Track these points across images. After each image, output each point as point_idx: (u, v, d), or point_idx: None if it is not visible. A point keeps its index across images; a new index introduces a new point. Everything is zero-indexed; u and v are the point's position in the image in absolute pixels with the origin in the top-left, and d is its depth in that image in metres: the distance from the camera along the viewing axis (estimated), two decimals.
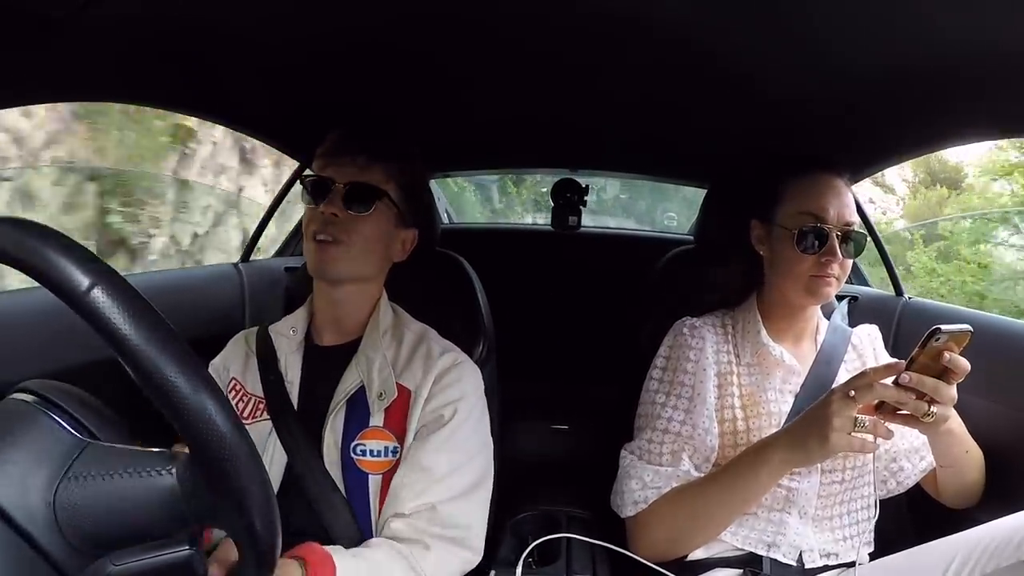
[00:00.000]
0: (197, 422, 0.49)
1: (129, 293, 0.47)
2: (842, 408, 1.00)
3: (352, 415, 1.12)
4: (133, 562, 0.53)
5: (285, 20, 1.09)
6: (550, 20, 1.08)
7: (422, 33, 1.16)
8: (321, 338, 1.23)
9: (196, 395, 0.48)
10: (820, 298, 1.25)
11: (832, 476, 1.22)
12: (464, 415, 1.14)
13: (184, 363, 0.48)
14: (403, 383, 1.14)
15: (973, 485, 1.22)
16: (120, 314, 0.46)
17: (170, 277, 2.00)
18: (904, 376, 0.97)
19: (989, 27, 0.90)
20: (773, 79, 1.23)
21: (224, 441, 0.50)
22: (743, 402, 1.26)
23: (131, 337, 0.46)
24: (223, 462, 0.50)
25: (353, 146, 1.16)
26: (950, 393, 0.99)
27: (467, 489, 1.11)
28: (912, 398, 0.98)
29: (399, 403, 1.13)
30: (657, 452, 1.23)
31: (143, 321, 0.47)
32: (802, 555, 1.19)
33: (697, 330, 1.32)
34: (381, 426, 1.11)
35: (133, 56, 1.10)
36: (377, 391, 1.12)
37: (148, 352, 0.47)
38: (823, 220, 1.21)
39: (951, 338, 0.96)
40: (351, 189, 1.12)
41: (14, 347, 1.11)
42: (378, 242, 1.17)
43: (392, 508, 1.07)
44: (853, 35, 1.01)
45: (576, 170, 2.40)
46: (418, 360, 1.17)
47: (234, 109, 1.50)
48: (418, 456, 1.09)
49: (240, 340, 1.27)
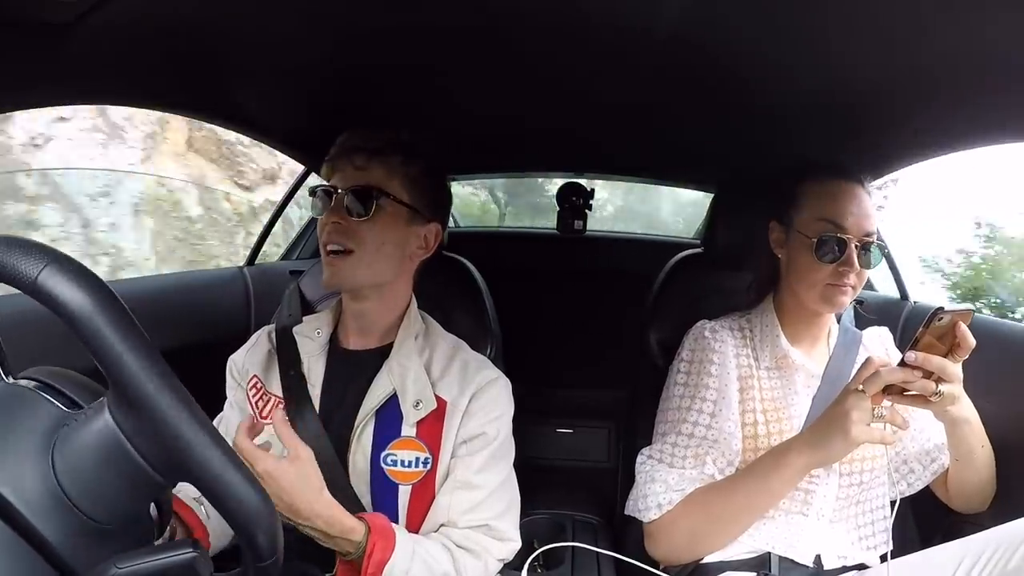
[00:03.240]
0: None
1: (80, 272, 0.48)
2: (857, 401, 1.02)
3: (382, 424, 1.10)
4: (137, 565, 0.53)
5: (292, 24, 1.08)
6: (555, 27, 1.08)
7: (428, 39, 1.16)
8: (347, 341, 1.20)
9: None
10: (835, 307, 1.24)
11: (851, 479, 1.22)
12: (506, 432, 1.15)
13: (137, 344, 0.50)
14: (439, 394, 1.12)
15: (984, 484, 1.21)
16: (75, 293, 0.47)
17: (175, 280, 2.01)
18: (909, 355, 0.98)
19: (994, 30, 0.90)
20: (778, 83, 1.23)
21: (158, 392, 0.50)
22: (764, 406, 1.26)
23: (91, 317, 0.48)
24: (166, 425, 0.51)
25: (353, 147, 1.12)
26: (956, 371, 1.00)
27: (511, 504, 1.14)
28: (919, 377, 0.99)
29: (435, 414, 1.10)
30: (681, 456, 1.22)
31: (103, 300, 0.48)
32: (819, 556, 1.20)
33: (718, 333, 1.31)
34: (414, 436, 1.10)
35: (138, 60, 1.10)
36: (413, 400, 1.10)
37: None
38: (843, 229, 1.20)
39: (954, 316, 0.97)
40: (352, 194, 1.09)
41: (16, 349, 1.11)
42: (389, 243, 1.12)
43: (440, 520, 1.08)
44: (858, 38, 1.01)
45: (582, 174, 2.40)
46: (454, 372, 1.14)
47: (241, 113, 1.51)
48: (466, 475, 1.09)
49: (263, 337, 1.25)
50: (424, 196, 1.15)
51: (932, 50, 1.00)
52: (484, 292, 1.58)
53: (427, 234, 1.17)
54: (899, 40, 0.99)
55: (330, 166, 1.15)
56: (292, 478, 0.92)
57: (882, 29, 0.96)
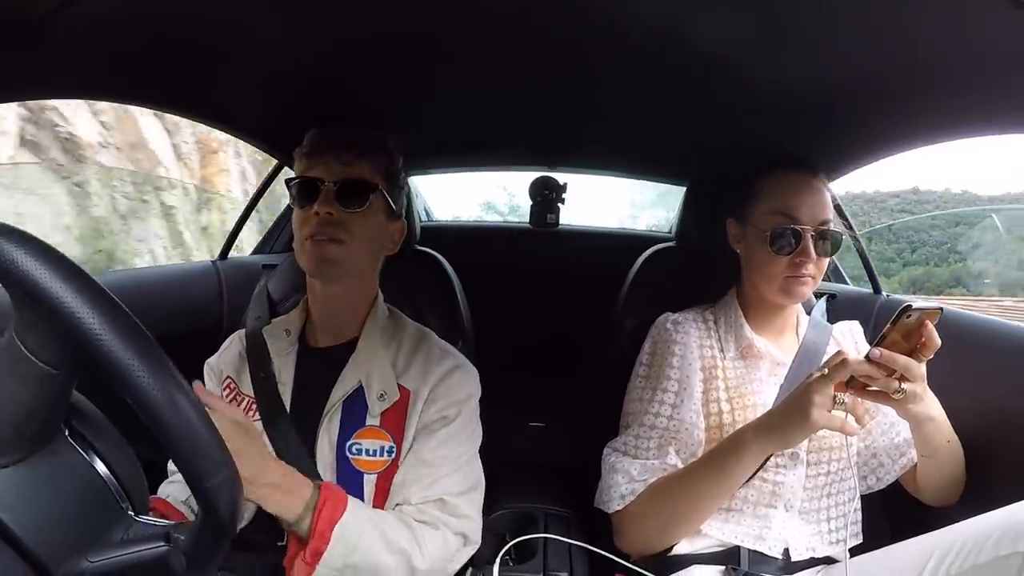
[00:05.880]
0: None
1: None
2: (820, 386, 1.01)
3: (348, 415, 1.13)
4: (110, 559, 0.54)
5: (267, 20, 1.07)
6: (525, 21, 1.07)
7: (401, 36, 1.15)
8: (316, 340, 1.23)
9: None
10: (795, 298, 1.25)
11: (818, 468, 1.23)
12: (467, 416, 1.16)
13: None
14: (403, 384, 1.15)
15: (953, 479, 1.22)
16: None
17: (148, 274, 1.98)
18: (874, 351, 0.98)
19: (966, 24, 0.90)
20: (752, 76, 1.23)
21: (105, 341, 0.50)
22: (729, 395, 1.26)
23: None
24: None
25: (339, 143, 1.15)
26: (920, 371, 1.00)
27: (472, 485, 1.14)
28: (883, 375, 0.99)
29: (398, 404, 1.13)
30: (644, 447, 1.23)
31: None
32: (788, 548, 1.21)
33: (680, 325, 1.32)
34: (378, 426, 1.12)
35: (114, 54, 1.08)
36: (378, 391, 1.13)
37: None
38: (796, 220, 1.21)
39: (922, 315, 0.97)
40: (343, 186, 1.12)
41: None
42: (373, 237, 1.18)
43: (397, 500, 1.08)
44: (831, 32, 1.01)
45: (554, 168, 2.40)
46: (418, 362, 1.17)
47: (216, 107, 1.49)
48: (422, 453, 1.10)
49: (236, 339, 1.28)
50: (397, 194, 1.22)
51: (908, 46, 1.00)
52: (456, 287, 1.58)
53: (395, 231, 1.24)
54: (872, 35, 1.00)
55: (309, 159, 1.16)
56: (241, 444, 0.92)
57: (856, 23, 0.96)
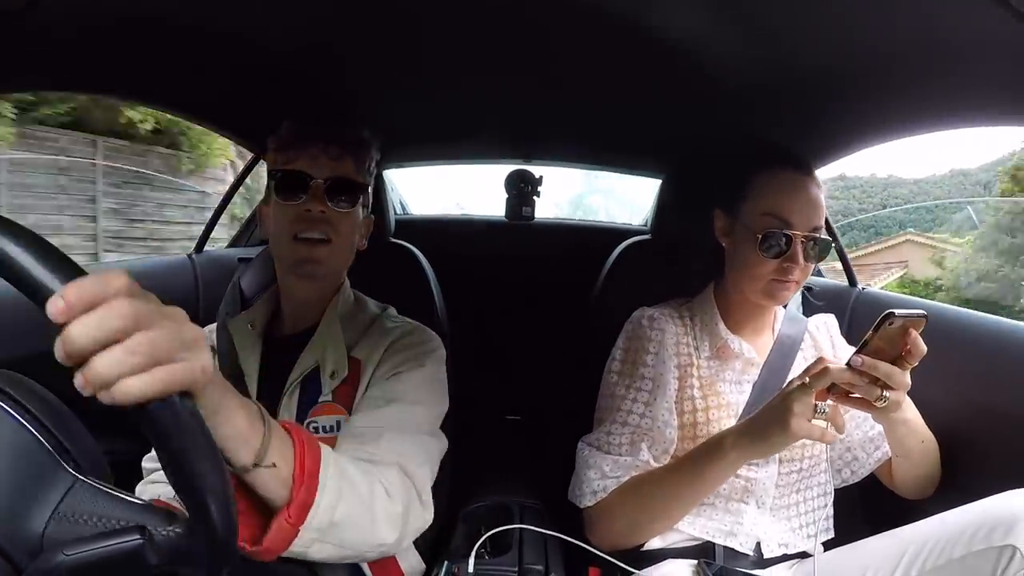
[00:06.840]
0: None
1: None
2: (800, 395, 0.99)
3: (305, 394, 1.12)
4: (85, 552, 0.54)
5: (245, 11, 1.07)
6: (501, 10, 1.06)
7: (377, 26, 1.13)
8: (281, 329, 1.22)
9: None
10: (778, 301, 1.24)
11: (790, 466, 1.23)
12: (423, 376, 1.12)
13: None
14: (355, 355, 1.14)
15: (928, 476, 1.22)
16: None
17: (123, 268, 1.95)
18: (856, 359, 0.96)
19: (944, 15, 0.89)
20: (728, 65, 1.21)
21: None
22: (704, 392, 1.25)
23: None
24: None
25: (324, 136, 1.13)
26: (903, 379, 0.97)
27: (415, 429, 1.05)
28: (865, 382, 0.97)
29: (350, 377, 1.12)
30: (617, 443, 1.22)
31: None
32: (759, 544, 1.21)
33: (656, 321, 1.30)
34: (331, 400, 1.11)
35: (91, 48, 1.07)
36: (331, 369, 1.12)
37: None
38: (789, 224, 1.18)
39: (906, 322, 0.94)
40: (333, 184, 1.11)
41: None
42: (354, 235, 1.19)
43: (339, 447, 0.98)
44: (808, 20, 1.00)
45: (530, 160, 2.40)
46: (373, 333, 1.18)
47: (192, 100, 1.48)
48: (364, 419, 1.04)
49: (208, 334, 1.25)
50: (372, 191, 1.22)
51: (886, 36, 0.99)
52: (432, 280, 1.58)
53: (366, 227, 1.25)
54: (850, 24, 0.99)
55: (292, 151, 1.13)
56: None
57: (833, 12, 0.95)
